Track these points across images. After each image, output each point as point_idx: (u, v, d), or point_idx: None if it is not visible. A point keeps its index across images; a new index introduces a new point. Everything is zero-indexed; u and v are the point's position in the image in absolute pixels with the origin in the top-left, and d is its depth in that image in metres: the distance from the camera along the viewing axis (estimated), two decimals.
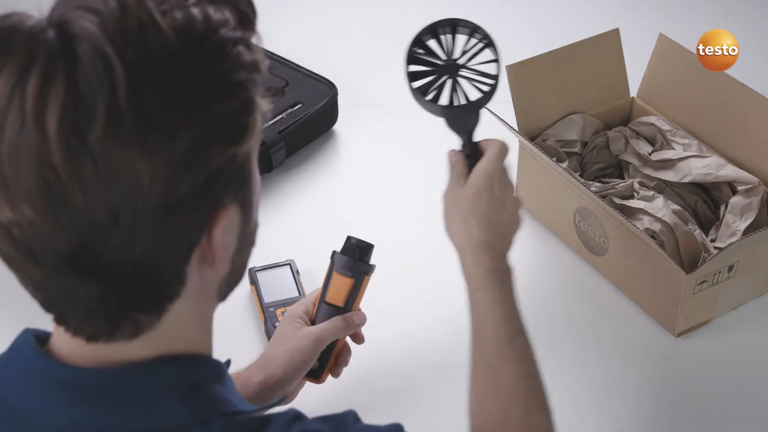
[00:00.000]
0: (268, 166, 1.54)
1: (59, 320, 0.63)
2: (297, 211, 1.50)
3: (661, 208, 1.27)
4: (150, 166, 0.54)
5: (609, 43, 1.45)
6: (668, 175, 1.37)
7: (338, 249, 1.10)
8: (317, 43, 1.85)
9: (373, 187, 1.55)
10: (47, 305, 0.62)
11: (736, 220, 1.28)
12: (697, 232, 1.27)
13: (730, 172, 1.32)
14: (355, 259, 1.08)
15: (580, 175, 1.38)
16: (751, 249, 1.24)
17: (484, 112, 1.35)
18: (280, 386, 1.04)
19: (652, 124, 1.44)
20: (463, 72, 1.00)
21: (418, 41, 1.02)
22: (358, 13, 1.98)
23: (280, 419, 0.66)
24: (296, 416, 0.67)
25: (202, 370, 0.66)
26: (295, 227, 1.47)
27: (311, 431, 0.66)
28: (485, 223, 0.92)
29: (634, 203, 1.29)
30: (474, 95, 1.00)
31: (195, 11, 0.56)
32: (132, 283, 0.59)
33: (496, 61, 1.00)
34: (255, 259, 1.32)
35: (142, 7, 0.55)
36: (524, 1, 2.01)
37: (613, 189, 1.32)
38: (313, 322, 1.08)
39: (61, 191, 0.54)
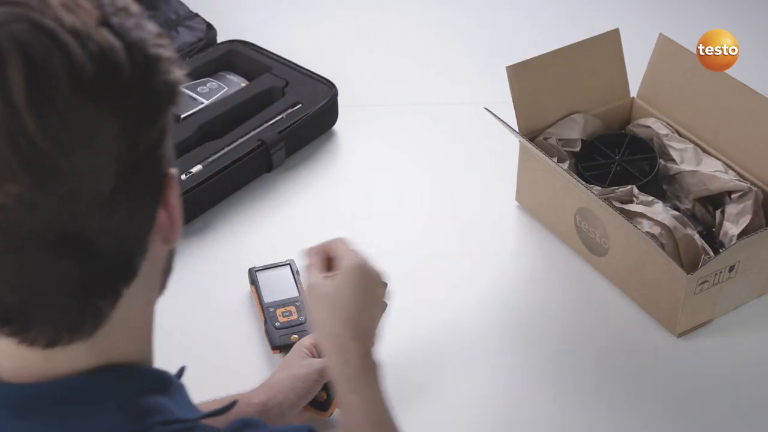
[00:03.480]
0: (268, 166, 1.54)
1: (18, 330, 0.62)
2: (297, 211, 1.49)
3: (660, 212, 1.27)
4: (118, 122, 0.58)
5: (609, 43, 1.44)
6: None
7: None
8: (317, 43, 1.85)
9: (373, 187, 1.55)
10: (12, 311, 0.61)
11: (732, 226, 1.28)
12: (696, 237, 1.27)
13: (721, 184, 1.33)
14: None
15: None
16: (751, 249, 1.24)
17: (484, 113, 1.35)
18: (280, 410, 1.06)
19: (649, 127, 1.44)
20: None
21: None
22: (358, 13, 1.98)
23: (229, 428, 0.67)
24: (245, 424, 0.68)
25: (141, 380, 0.66)
26: (295, 227, 1.47)
27: None
28: (352, 320, 0.92)
29: (633, 207, 1.29)
30: None
31: None
32: (110, 255, 0.60)
33: None
34: (255, 259, 1.34)
35: None
36: (524, 1, 2.01)
37: (613, 193, 1.32)
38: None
39: (42, 159, 0.55)
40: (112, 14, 0.59)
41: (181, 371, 0.72)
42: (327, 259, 0.96)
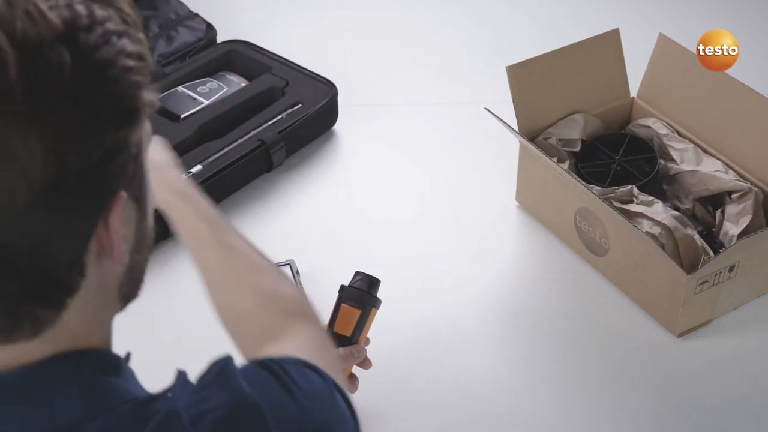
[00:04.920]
0: (268, 166, 1.54)
1: None
2: (297, 211, 1.50)
3: (660, 212, 1.28)
4: (43, 140, 0.56)
5: (609, 43, 1.44)
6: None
7: (346, 283, 1.14)
8: (317, 43, 1.85)
9: (372, 187, 1.55)
10: None
11: (732, 226, 1.29)
12: (696, 237, 1.27)
13: (721, 184, 1.33)
14: (363, 291, 1.12)
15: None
16: (751, 249, 1.24)
17: (484, 113, 1.35)
18: None
19: (650, 127, 1.44)
20: None
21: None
22: (358, 13, 1.98)
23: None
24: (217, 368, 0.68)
25: (97, 364, 0.66)
26: (295, 227, 1.47)
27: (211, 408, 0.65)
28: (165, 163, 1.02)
29: (633, 207, 1.29)
30: None
31: (80, 7, 0.59)
32: (28, 269, 0.59)
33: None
34: None
35: (29, 2, 0.57)
36: (524, 1, 2.01)
37: (613, 194, 1.32)
38: None
39: None
40: (82, 28, 0.58)
41: (128, 356, 0.72)
42: None
